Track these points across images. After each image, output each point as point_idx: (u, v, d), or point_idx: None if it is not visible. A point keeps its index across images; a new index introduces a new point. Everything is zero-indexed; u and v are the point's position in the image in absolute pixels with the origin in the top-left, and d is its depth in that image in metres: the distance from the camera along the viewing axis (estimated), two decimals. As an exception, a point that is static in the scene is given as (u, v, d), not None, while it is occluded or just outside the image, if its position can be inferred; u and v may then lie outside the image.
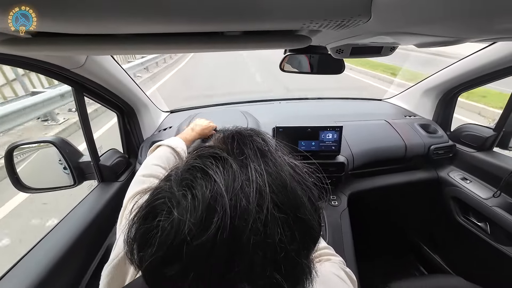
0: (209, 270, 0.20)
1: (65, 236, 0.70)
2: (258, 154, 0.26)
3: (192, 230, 0.20)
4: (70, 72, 0.71)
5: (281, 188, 0.24)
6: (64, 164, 0.84)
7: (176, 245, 0.20)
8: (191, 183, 0.23)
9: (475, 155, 1.14)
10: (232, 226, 0.20)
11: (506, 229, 0.95)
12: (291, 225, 0.22)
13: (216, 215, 0.20)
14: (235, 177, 0.23)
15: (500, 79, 1.03)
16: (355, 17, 0.31)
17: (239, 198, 0.21)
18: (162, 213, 0.22)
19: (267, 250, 0.21)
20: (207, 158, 0.25)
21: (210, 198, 0.21)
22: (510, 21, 0.29)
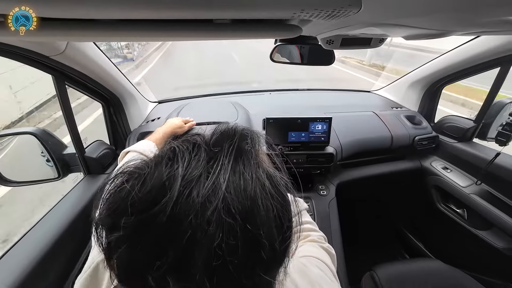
0: (140, 250, 0.20)
1: (50, 231, 0.68)
2: (234, 151, 0.24)
3: (136, 202, 0.21)
4: (50, 59, 0.67)
5: (240, 191, 0.22)
6: (47, 156, 0.81)
7: (119, 212, 0.21)
8: (158, 160, 0.24)
9: (456, 145, 1.19)
10: (173, 213, 0.20)
11: (481, 215, 1.01)
12: (236, 235, 0.20)
13: (163, 198, 0.20)
14: (197, 166, 0.22)
15: (483, 72, 1.07)
16: (345, 7, 0.31)
17: (191, 188, 0.21)
18: (129, 179, 0.23)
19: (201, 251, 0.19)
20: (186, 142, 0.26)
21: (166, 179, 0.21)
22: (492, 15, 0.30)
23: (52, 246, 0.65)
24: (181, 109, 1.19)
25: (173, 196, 0.20)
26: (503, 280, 0.99)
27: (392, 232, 1.57)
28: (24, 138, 0.78)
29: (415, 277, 0.85)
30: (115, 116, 1.04)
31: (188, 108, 1.21)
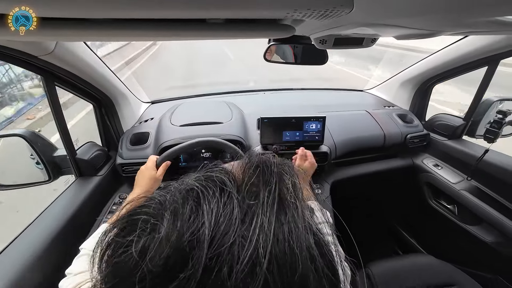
0: None
1: (40, 236, 0.66)
2: (276, 206, 0.19)
3: (146, 278, 0.16)
4: (38, 60, 0.65)
5: (288, 269, 0.17)
6: (36, 159, 0.79)
7: (128, 282, 0.16)
8: (177, 209, 0.18)
9: (446, 143, 1.22)
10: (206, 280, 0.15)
11: (471, 211, 1.04)
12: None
13: (185, 269, 0.15)
14: (230, 228, 0.17)
15: (471, 71, 1.09)
16: (338, 7, 0.32)
17: (221, 261, 0.16)
18: (138, 231, 0.18)
19: None
20: (212, 182, 0.20)
21: (188, 243, 0.16)
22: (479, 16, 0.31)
23: (43, 251, 0.64)
24: (174, 109, 1.18)
25: (196, 272, 0.15)
26: (493, 273, 1.02)
27: (385, 229, 1.59)
28: (12, 140, 0.76)
29: (408, 273, 0.87)
30: (107, 117, 1.03)
31: (181, 108, 1.20)
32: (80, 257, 0.52)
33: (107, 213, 0.88)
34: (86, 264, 0.50)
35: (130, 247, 0.17)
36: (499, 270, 1.01)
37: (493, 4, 0.27)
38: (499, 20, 0.33)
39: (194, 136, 0.97)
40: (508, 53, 0.92)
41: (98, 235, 0.57)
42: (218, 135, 0.96)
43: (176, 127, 1.05)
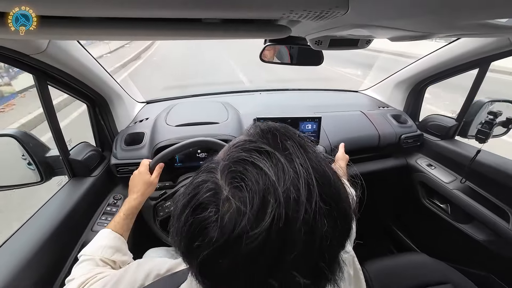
0: (263, 259, 0.21)
1: (32, 238, 0.65)
2: (301, 150, 0.26)
3: (251, 219, 0.21)
4: (30, 58, 0.64)
5: (326, 182, 0.25)
6: (28, 159, 0.78)
7: (235, 235, 0.21)
8: (242, 175, 0.23)
9: (439, 143, 1.24)
10: (286, 217, 0.21)
11: (463, 209, 1.06)
12: (334, 216, 0.23)
13: (270, 206, 0.21)
14: (285, 171, 0.23)
15: (463, 73, 1.11)
16: (333, 8, 0.32)
17: (291, 191, 0.22)
18: (212, 205, 0.23)
19: (315, 240, 0.22)
20: (252, 152, 0.25)
21: (264, 190, 0.22)
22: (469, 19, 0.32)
23: (35, 253, 0.62)
24: (170, 109, 1.17)
25: (279, 200, 0.21)
26: (485, 271, 1.04)
27: (381, 229, 1.61)
28: (3, 140, 0.74)
29: (402, 271, 0.88)
30: (101, 117, 1.01)
31: (177, 108, 1.20)
32: (81, 263, 0.52)
33: (101, 214, 0.87)
34: (88, 268, 0.50)
35: (223, 213, 0.22)
36: (491, 268, 1.03)
37: (483, 7, 0.28)
38: (489, 23, 0.34)
39: (189, 136, 0.97)
40: (498, 56, 0.94)
41: (97, 241, 0.57)
42: (214, 135, 0.96)
43: (171, 127, 1.05)
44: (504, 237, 0.93)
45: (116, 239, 0.59)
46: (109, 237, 0.58)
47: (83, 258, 0.53)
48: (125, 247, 0.60)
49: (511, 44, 0.84)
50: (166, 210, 0.83)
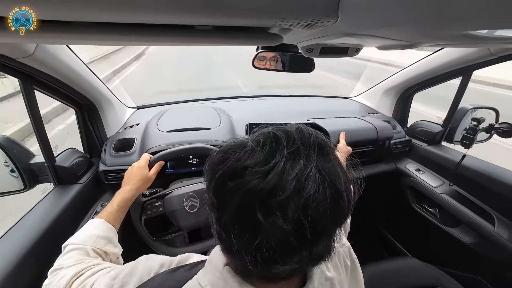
0: (256, 191, 0.26)
1: (14, 248, 0.62)
2: (315, 140, 0.31)
3: (259, 159, 0.27)
4: (16, 62, 0.62)
5: (325, 161, 0.29)
6: (11, 166, 0.75)
7: (243, 165, 0.28)
8: (263, 137, 0.30)
9: (426, 148, 1.27)
10: (283, 169, 0.26)
11: (451, 213, 1.09)
12: (325, 187, 0.27)
13: (274, 159, 0.27)
14: (294, 143, 0.29)
15: (448, 80, 1.16)
16: (323, 18, 0.33)
17: (294, 156, 0.28)
18: (239, 149, 0.29)
19: (302, 196, 0.26)
20: (279, 130, 0.31)
21: (274, 149, 0.28)
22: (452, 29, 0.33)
23: (14, 266, 0.59)
24: (161, 115, 1.16)
25: (282, 158, 0.27)
26: (472, 273, 1.06)
27: (372, 233, 1.62)
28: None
29: (393, 276, 0.89)
30: (90, 122, 0.99)
31: (168, 114, 1.18)
32: (69, 252, 0.50)
33: None
34: (78, 257, 0.48)
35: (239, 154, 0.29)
36: (478, 270, 1.05)
37: (464, 19, 0.29)
38: (470, 34, 0.36)
39: (181, 142, 0.95)
40: (480, 65, 0.98)
41: (86, 230, 0.55)
42: (206, 141, 0.95)
43: (163, 133, 1.03)
44: (489, 240, 0.95)
45: (109, 230, 0.57)
46: (102, 228, 0.56)
47: (71, 247, 0.51)
48: (116, 239, 0.58)
49: (491, 54, 0.89)
50: (155, 209, 0.81)
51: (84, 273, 0.43)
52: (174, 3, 0.28)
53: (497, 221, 0.95)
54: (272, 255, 0.27)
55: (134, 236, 0.79)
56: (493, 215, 0.97)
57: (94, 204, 0.92)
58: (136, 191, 0.70)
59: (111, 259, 0.55)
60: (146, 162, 0.75)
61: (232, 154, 0.29)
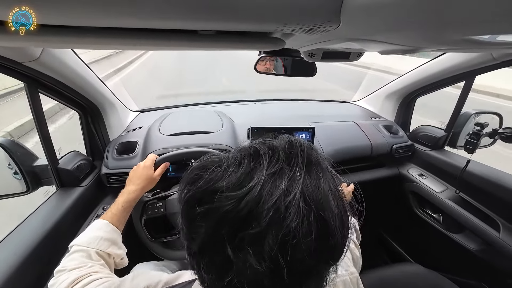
0: (226, 222, 0.23)
1: (16, 250, 0.62)
2: (305, 158, 0.27)
3: (229, 184, 0.24)
4: (22, 66, 0.63)
5: (314, 186, 0.25)
6: (14, 169, 0.75)
7: (213, 188, 0.24)
8: (241, 153, 0.27)
9: (429, 153, 1.26)
10: (259, 196, 0.23)
11: (455, 219, 1.07)
12: (310, 220, 0.23)
13: (251, 182, 0.23)
14: (278, 162, 0.25)
15: (451, 85, 1.16)
16: (325, 23, 0.33)
17: (274, 178, 0.24)
18: (212, 168, 0.26)
19: (280, 230, 0.22)
20: (263, 145, 0.28)
21: (254, 168, 0.25)
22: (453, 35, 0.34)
23: (16, 269, 0.59)
24: (164, 119, 1.16)
25: (260, 181, 0.23)
26: (477, 280, 1.04)
27: (374, 238, 1.60)
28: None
29: (395, 282, 0.87)
30: (93, 125, 1.00)
31: (171, 117, 1.19)
32: (72, 254, 0.50)
33: None
34: (81, 260, 0.48)
35: (219, 167, 0.26)
36: (483, 277, 1.03)
37: (466, 24, 0.29)
38: (472, 39, 0.36)
39: (183, 145, 0.96)
40: (482, 70, 0.98)
41: (90, 231, 0.55)
42: (208, 145, 0.95)
43: (165, 136, 1.04)
44: (494, 246, 0.94)
45: (112, 231, 0.57)
46: (105, 229, 0.56)
47: (75, 248, 0.51)
48: (120, 241, 0.58)
49: (493, 59, 0.88)
50: (156, 210, 0.81)
51: (80, 281, 0.43)
52: (177, 9, 0.29)
53: (502, 228, 0.94)
54: None
55: (134, 236, 0.78)
56: (498, 222, 0.96)
57: (96, 207, 0.92)
58: (141, 191, 0.70)
59: (115, 260, 0.55)
60: (152, 162, 0.76)
61: (206, 173, 0.26)
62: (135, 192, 0.68)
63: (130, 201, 0.66)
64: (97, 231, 0.55)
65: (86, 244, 0.52)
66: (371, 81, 2.03)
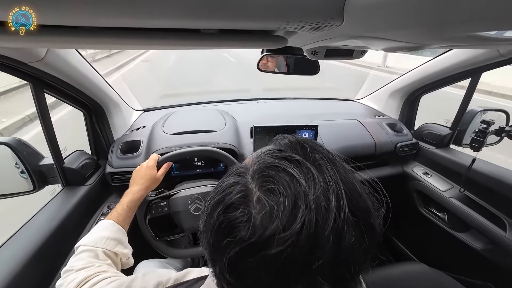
0: (291, 263, 0.21)
1: (23, 248, 0.63)
2: (330, 163, 0.26)
3: (283, 221, 0.21)
4: (28, 66, 0.64)
5: (354, 194, 0.25)
6: (21, 168, 0.76)
7: (267, 235, 0.21)
8: (273, 179, 0.24)
9: (434, 151, 1.25)
10: (316, 223, 0.21)
11: (460, 218, 1.06)
12: (361, 229, 0.24)
13: (300, 211, 0.22)
14: (315, 180, 0.23)
15: (456, 82, 1.14)
16: (328, 20, 0.33)
17: (321, 200, 0.22)
18: (242, 205, 0.23)
19: (342, 249, 0.22)
20: (282, 160, 0.25)
21: (295, 195, 0.22)
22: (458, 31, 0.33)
23: (24, 266, 0.60)
24: (167, 118, 1.17)
25: (311, 208, 0.22)
26: (483, 280, 1.03)
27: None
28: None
29: (399, 281, 0.87)
30: (98, 124, 1.01)
31: (174, 116, 1.20)
32: (80, 254, 0.51)
33: (95, 223, 0.85)
34: (88, 260, 0.49)
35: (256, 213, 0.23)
36: (489, 277, 1.02)
37: (472, 20, 0.29)
38: (478, 35, 0.35)
39: (187, 144, 0.96)
40: (488, 66, 0.96)
41: (96, 231, 0.56)
42: (211, 144, 0.96)
43: (168, 135, 1.04)
44: (501, 246, 0.92)
45: (118, 231, 0.58)
46: (111, 229, 0.57)
47: (82, 248, 0.52)
48: (126, 240, 0.59)
49: (500, 55, 0.87)
50: (159, 209, 0.82)
51: (88, 280, 0.43)
52: (180, 8, 0.29)
53: (508, 227, 0.93)
54: None
55: (139, 236, 0.79)
56: (504, 221, 0.95)
57: (101, 206, 0.93)
58: (145, 191, 0.71)
59: (121, 259, 0.56)
60: (155, 162, 0.77)
61: (241, 220, 0.23)
62: (139, 192, 0.69)
63: (134, 201, 0.67)
64: (103, 231, 0.56)
65: (93, 244, 0.52)
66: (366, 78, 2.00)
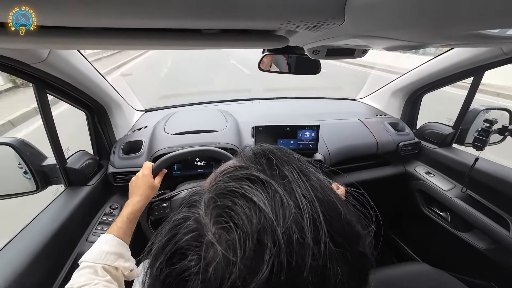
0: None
1: (26, 248, 0.64)
2: (302, 177, 0.22)
3: (243, 271, 0.17)
4: (30, 67, 0.65)
5: (335, 216, 0.20)
6: (24, 168, 0.77)
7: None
8: (230, 211, 0.19)
9: (437, 151, 1.24)
10: (288, 265, 0.17)
11: (463, 217, 1.05)
12: (349, 261, 0.19)
13: (267, 252, 0.17)
14: (284, 205, 0.19)
15: (459, 81, 1.13)
16: (330, 19, 0.33)
17: (293, 231, 0.18)
18: (193, 251, 0.18)
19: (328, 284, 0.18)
20: (243, 181, 0.21)
21: (259, 230, 0.18)
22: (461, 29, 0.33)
23: (27, 265, 0.61)
24: (169, 118, 1.17)
25: (280, 246, 0.17)
26: (486, 280, 1.03)
27: (381, 237, 1.59)
28: (0, 149, 0.74)
29: (402, 281, 0.86)
30: (100, 125, 1.01)
31: (176, 116, 1.20)
32: (81, 270, 0.50)
33: (97, 224, 0.85)
34: (88, 277, 0.48)
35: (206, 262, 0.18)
36: (492, 277, 1.01)
37: (475, 19, 0.29)
38: (481, 34, 0.35)
39: (188, 144, 0.96)
40: (491, 65, 0.96)
41: (99, 246, 0.55)
42: (213, 144, 0.96)
43: (170, 135, 1.04)
44: (504, 246, 0.92)
45: (119, 245, 0.57)
46: (111, 243, 0.56)
47: (84, 264, 0.51)
48: (128, 253, 0.58)
49: (504, 53, 0.86)
50: (161, 211, 0.83)
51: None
52: (181, 8, 0.29)
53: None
54: None
55: (142, 237, 0.80)
56: (508, 220, 0.94)
57: (103, 206, 0.93)
58: (145, 200, 0.70)
59: (123, 273, 0.55)
60: (149, 170, 0.76)
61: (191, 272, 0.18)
62: (139, 202, 0.68)
63: (135, 212, 0.66)
64: (103, 246, 0.56)
65: (93, 260, 0.52)
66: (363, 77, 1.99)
